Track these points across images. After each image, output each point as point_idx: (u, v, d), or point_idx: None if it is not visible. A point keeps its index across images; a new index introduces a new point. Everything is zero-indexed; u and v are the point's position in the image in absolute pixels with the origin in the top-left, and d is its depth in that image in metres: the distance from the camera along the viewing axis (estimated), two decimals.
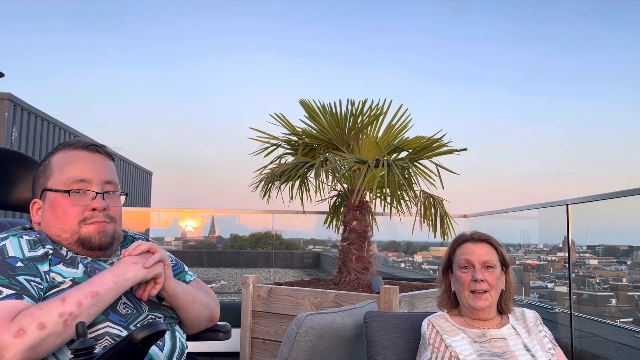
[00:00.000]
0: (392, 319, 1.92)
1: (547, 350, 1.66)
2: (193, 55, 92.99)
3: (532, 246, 6.04)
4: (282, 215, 5.07)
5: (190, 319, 1.51)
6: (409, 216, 3.36)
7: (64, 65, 55.61)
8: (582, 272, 6.58)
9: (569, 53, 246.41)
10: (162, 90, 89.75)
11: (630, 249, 6.92)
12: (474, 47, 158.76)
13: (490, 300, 1.68)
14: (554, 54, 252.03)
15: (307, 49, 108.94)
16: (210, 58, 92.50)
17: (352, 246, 3.22)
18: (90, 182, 1.41)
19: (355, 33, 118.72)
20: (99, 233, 1.39)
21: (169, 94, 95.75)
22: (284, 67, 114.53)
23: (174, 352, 1.38)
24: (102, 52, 64.33)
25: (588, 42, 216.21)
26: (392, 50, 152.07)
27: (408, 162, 3.13)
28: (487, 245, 1.75)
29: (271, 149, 3.54)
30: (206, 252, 8.76)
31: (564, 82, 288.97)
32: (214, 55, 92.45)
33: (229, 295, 7.45)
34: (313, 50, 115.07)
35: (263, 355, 3.02)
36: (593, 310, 5.93)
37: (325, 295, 2.86)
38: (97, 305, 1.22)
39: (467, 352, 1.61)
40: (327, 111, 3.33)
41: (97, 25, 51.97)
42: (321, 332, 1.72)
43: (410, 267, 8.56)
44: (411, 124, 3.51)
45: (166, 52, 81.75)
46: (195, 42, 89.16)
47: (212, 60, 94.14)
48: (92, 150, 1.45)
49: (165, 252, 1.43)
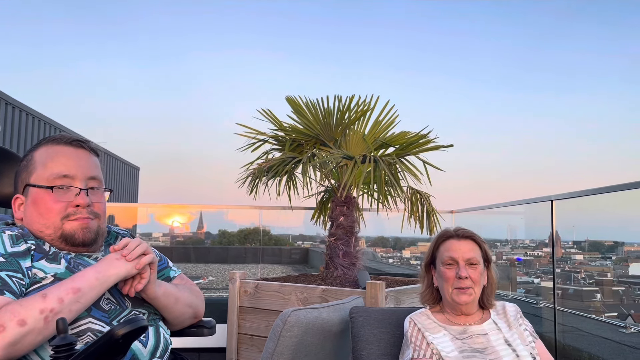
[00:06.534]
0: (378, 314, 1.93)
1: (527, 343, 1.68)
2: (182, 51, 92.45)
3: (519, 242, 6.08)
4: (270, 211, 5.06)
5: (173, 317, 1.51)
6: (396, 212, 3.38)
7: (49, 58, 55.05)
8: (568, 267, 6.65)
9: (555, 47, 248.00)
10: (151, 84, 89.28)
11: (615, 244, 7.01)
12: (462, 42, 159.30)
13: (474, 296, 1.70)
14: (541, 47, 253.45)
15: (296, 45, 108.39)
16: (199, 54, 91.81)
17: (339, 242, 3.23)
18: (73, 177, 1.40)
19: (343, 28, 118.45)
20: (83, 229, 1.39)
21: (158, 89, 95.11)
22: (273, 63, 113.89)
23: (158, 348, 1.38)
24: (89, 46, 63.81)
25: (575, 36, 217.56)
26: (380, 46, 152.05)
27: (395, 158, 3.14)
28: (471, 242, 1.76)
29: (258, 145, 3.54)
30: (194, 248, 8.73)
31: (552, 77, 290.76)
32: (202, 51, 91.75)
33: (217, 291, 7.43)
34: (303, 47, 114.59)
35: (250, 350, 3.02)
36: (578, 305, 6.00)
37: (311, 290, 2.87)
38: (79, 301, 1.22)
39: (449, 348, 1.62)
40: (313, 107, 3.33)
41: (85, 17, 51.56)
42: (307, 327, 1.73)
43: (398, 262, 8.59)
44: (398, 119, 3.53)
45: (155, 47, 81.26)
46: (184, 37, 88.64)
47: (201, 56, 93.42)
48: (76, 146, 1.44)
49: (155, 253, 1.43)
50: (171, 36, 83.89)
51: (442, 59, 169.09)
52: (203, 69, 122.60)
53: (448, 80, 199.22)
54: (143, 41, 70.32)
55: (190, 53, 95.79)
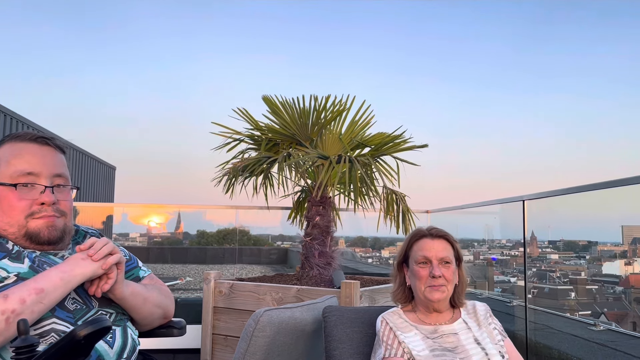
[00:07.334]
0: (350, 313, 1.93)
1: (496, 342, 1.70)
2: (160, 51, 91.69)
3: (496, 242, 6.15)
4: (248, 210, 5.04)
5: (142, 318, 1.49)
6: (373, 212, 3.39)
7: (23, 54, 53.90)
8: (544, 266, 6.75)
9: (534, 49, 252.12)
10: (128, 84, 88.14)
11: (589, 244, 7.13)
12: (439, 44, 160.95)
13: (447, 293, 1.71)
14: (518, 49, 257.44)
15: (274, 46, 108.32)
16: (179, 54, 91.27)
17: (314, 241, 3.23)
18: (38, 175, 1.38)
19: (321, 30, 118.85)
20: (48, 227, 1.36)
21: (135, 89, 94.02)
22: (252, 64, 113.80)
23: (125, 349, 1.36)
24: (64, 42, 62.69)
25: (553, 37, 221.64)
26: (358, 47, 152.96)
27: (370, 159, 3.14)
28: (444, 241, 1.77)
29: (234, 144, 3.52)
30: (172, 248, 8.66)
31: (529, 78, 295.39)
32: (181, 52, 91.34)
33: (195, 292, 7.38)
34: (280, 48, 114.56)
35: (224, 351, 3.01)
36: (553, 304, 6.09)
37: (287, 290, 2.86)
38: (42, 302, 1.20)
39: (420, 347, 1.63)
40: (290, 106, 3.33)
41: (61, 15, 50.61)
42: (279, 327, 1.72)
43: (377, 262, 8.64)
44: (374, 120, 3.54)
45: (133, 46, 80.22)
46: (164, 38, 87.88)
47: (179, 56, 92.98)
48: (41, 143, 1.42)
49: (122, 253, 1.41)
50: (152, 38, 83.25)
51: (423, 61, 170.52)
52: (183, 70, 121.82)
53: (427, 83, 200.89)
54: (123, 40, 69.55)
55: (170, 54, 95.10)
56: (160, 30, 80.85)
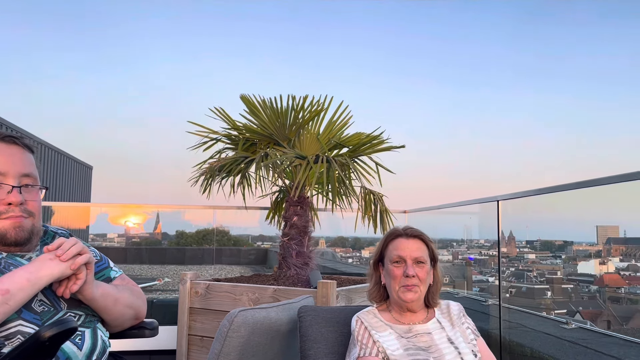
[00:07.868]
0: (326, 313, 1.93)
1: (469, 341, 1.72)
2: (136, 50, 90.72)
3: (474, 242, 6.20)
4: (227, 211, 5.02)
5: (113, 319, 1.47)
6: (351, 212, 3.39)
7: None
8: (522, 266, 6.83)
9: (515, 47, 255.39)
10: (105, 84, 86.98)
11: (565, 243, 7.23)
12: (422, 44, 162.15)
13: (419, 294, 1.72)
14: (499, 48, 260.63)
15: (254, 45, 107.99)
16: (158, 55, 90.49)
17: (292, 241, 3.22)
18: (5, 175, 1.35)
19: (303, 29, 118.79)
20: (15, 228, 1.34)
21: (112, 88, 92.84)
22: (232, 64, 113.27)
23: (95, 351, 1.34)
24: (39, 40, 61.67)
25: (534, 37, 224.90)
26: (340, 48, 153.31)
27: (347, 159, 3.15)
28: (419, 241, 1.79)
29: (210, 144, 3.49)
30: (151, 249, 8.57)
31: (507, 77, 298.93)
32: (161, 52, 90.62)
33: (173, 293, 7.32)
34: (261, 47, 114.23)
35: (200, 352, 2.98)
36: (530, 303, 6.16)
37: (263, 290, 2.85)
38: (7, 303, 1.17)
39: (394, 347, 1.64)
40: (268, 106, 3.31)
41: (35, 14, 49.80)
42: (254, 327, 1.71)
43: (357, 262, 8.66)
44: (352, 120, 3.54)
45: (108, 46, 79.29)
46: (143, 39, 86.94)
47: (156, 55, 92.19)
48: (8, 142, 1.39)
49: (91, 253, 1.38)
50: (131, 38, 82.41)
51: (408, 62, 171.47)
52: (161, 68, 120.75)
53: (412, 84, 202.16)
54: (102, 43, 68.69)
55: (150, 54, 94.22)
56: (141, 31, 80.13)
